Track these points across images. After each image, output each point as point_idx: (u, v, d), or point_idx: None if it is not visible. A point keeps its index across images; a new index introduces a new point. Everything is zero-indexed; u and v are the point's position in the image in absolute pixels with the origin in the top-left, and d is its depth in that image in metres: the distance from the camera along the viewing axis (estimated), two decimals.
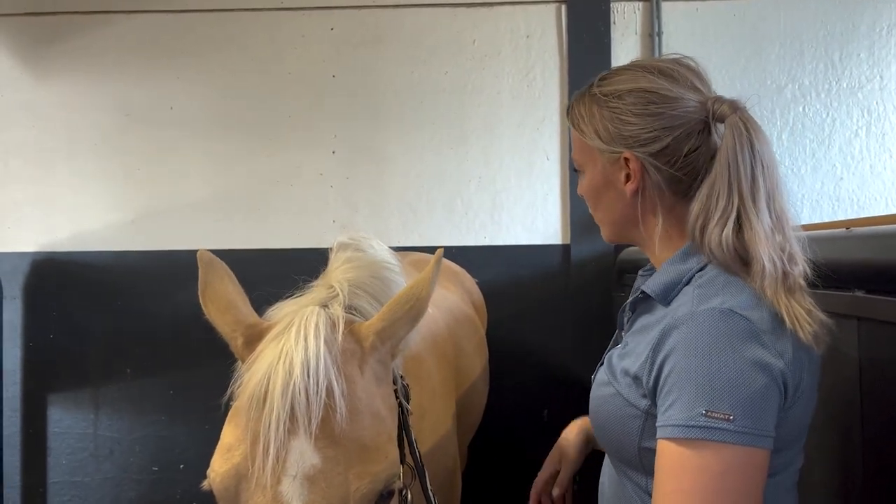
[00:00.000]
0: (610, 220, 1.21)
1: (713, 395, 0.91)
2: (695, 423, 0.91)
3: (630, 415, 1.05)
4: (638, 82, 1.11)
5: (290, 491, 0.85)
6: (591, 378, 1.27)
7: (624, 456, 1.10)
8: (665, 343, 0.98)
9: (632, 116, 1.09)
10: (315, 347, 0.92)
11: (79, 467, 3.12)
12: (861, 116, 2.92)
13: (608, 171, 1.15)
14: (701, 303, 0.98)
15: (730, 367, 0.92)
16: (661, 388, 0.98)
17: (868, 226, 1.26)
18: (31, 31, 3.15)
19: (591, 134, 1.15)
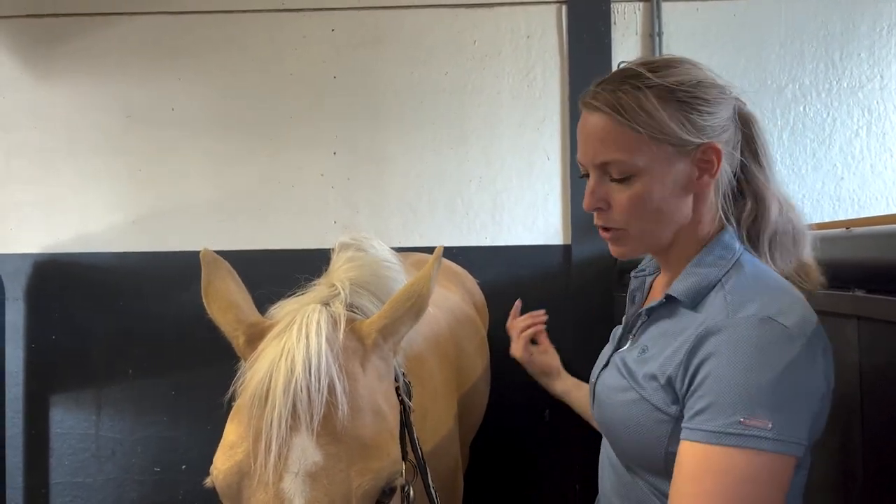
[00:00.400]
0: (667, 223, 1.10)
1: (752, 403, 0.91)
2: (731, 430, 0.91)
3: (658, 420, 1.03)
4: (696, 74, 1.08)
5: (292, 488, 0.85)
6: (592, 380, 1.26)
7: (646, 461, 1.07)
8: (701, 348, 0.97)
9: (706, 106, 1.06)
10: (317, 345, 0.92)
11: (81, 468, 3.12)
12: (862, 116, 2.92)
13: (680, 168, 1.06)
14: (738, 309, 0.98)
15: (769, 376, 0.92)
16: (693, 391, 0.97)
17: (868, 225, 1.27)
18: (32, 32, 3.15)
19: (660, 128, 1.04)
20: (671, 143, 1.04)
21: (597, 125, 1.08)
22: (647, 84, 1.05)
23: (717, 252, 1.09)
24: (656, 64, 1.09)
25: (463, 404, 1.89)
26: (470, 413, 2.05)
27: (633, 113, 1.04)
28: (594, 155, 1.09)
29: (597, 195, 1.10)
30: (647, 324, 1.16)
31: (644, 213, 1.08)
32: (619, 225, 1.10)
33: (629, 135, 1.05)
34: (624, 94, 1.05)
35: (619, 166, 1.06)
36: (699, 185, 1.08)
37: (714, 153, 1.06)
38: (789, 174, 2.94)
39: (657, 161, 1.05)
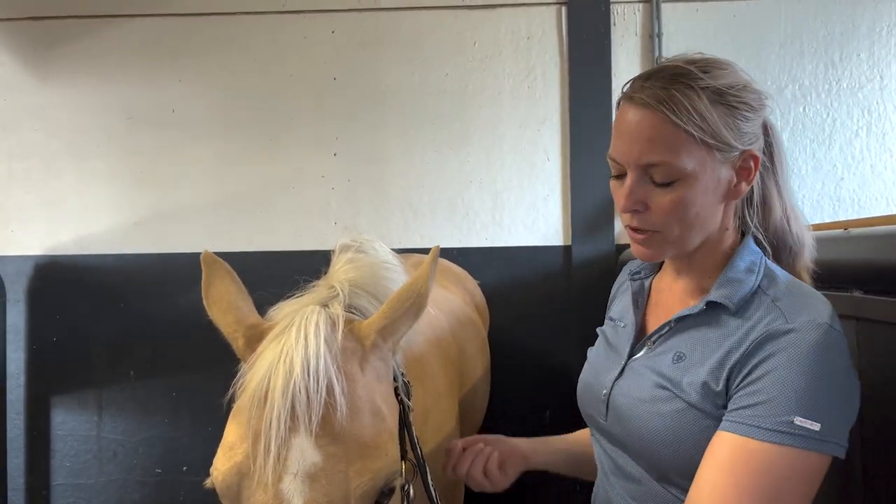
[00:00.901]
0: (701, 229, 1.08)
1: (808, 404, 0.93)
2: (783, 429, 0.93)
3: (705, 426, 1.02)
4: (743, 77, 1.07)
5: (291, 488, 0.85)
6: (603, 391, 1.20)
7: (689, 467, 1.04)
8: (761, 350, 0.99)
9: (750, 112, 1.05)
10: (315, 346, 0.92)
11: (82, 469, 3.13)
12: (861, 116, 2.92)
13: (721, 173, 1.04)
14: (795, 314, 1.00)
15: (827, 380, 0.95)
16: (744, 387, 0.98)
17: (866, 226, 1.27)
18: (33, 34, 3.16)
19: (712, 131, 1.01)
20: (719, 149, 1.02)
21: (646, 122, 1.02)
22: (700, 84, 1.02)
23: (747, 258, 1.10)
24: (704, 63, 1.06)
25: (464, 405, 1.89)
26: (471, 414, 2.05)
27: (687, 113, 1.00)
28: (640, 154, 1.03)
29: (635, 197, 1.05)
30: (675, 330, 1.13)
31: (684, 218, 1.04)
32: (656, 227, 1.06)
33: (681, 136, 1.00)
34: (678, 92, 1.01)
35: (666, 169, 1.02)
36: (736, 192, 1.08)
37: (753, 160, 1.06)
38: (789, 175, 2.94)
39: (704, 166, 1.02)
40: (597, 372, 1.26)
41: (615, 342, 1.26)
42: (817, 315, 0.99)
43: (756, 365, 0.98)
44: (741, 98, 1.04)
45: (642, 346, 1.18)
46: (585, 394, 1.28)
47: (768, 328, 1.00)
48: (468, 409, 1.97)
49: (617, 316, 1.32)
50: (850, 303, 1.28)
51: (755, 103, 1.06)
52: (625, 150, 1.05)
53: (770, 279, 1.08)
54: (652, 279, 1.28)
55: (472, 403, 2.04)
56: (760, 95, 1.08)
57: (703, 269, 1.14)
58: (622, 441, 1.16)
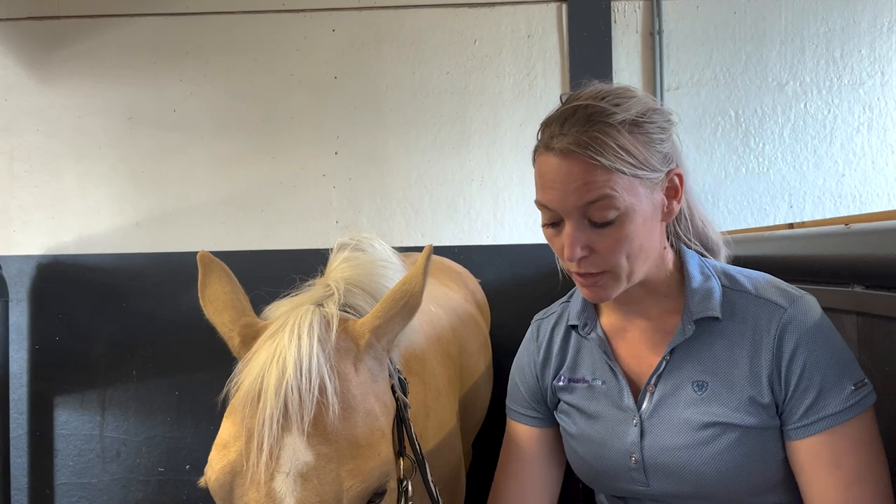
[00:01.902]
0: (646, 258, 1.07)
1: (850, 370, 1.01)
2: (850, 401, 0.99)
3: (766, 438, 1.03)
4: (649, 101, 1.07)
5: (283, 488, 0.85)
6: (635, 458, 1.10)
7: (759, 489, 1.04)
8: (784, 345, 1.02)
9: (663, 134, 1.06)
10: (308, 346, 0.92)
11: (86, 469, 3.14)
12: (863, 113, 2.92)
13: (654, 198, 1.05)
14: (782, 299, 1.06)
15: (838, 339, 1.04)
16: (794, 390, 1.01)
17: (867, 222, 1.27)
18: (34, 35, 3.17)
19: (638, 163, 1.01)
20: (647, 177, 1.03)
21: (575, 169, 1.00)
22: (616, 120, 1.00)
23: (693, 264, 1.14)
24: (613, 97, 1.04)
25: (465, 403, 1.89)
26: (472, 412, 2.05)
27: (613, 152, 0.98)
28: (577, 199, 1.00)
29: (580, 243, 1.03)
30: (672, 363, 1.10)
31: (630, 252, 1.03)
32: (605, 267, 1.04)
33: (612, 175, 0.99)
34: (598, 132, 0.99)
35: (603, 209, 1.00)
36: (669, 212, 1.09)
37: (678, 178, 1.08)
38: (790, 171, 2.94)
39: (639, 197, 1.02)
40: (602, 442, 1.15)
41: (606, 403, 1.16)
42: (790, 289, 1.08)
43: (790, 367, 1.01)
44: (654, 122, 1.04)
45: (644, 395, 1.12)
46: (601, 469, 1.16)
47: (777, 322, 1.04)
48: (469, 406, 1.97)
49: (587, 375, 1.20)
50: (851, 298, 1.28)
51: (665, 124, 1.07)
52: (559, 199, 1.02)
53: (727, 276, 1.13)
54: (599, 324, 1.21)
55: (474, 401, 2.04)
56: (666, 114, 1.09)
57: (657, 293, 1.14)
58: (677, 494, 1.09)
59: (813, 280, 1.40)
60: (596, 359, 1.19)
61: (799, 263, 1.48)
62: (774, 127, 2.94)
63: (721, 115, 2.96)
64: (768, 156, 2.95)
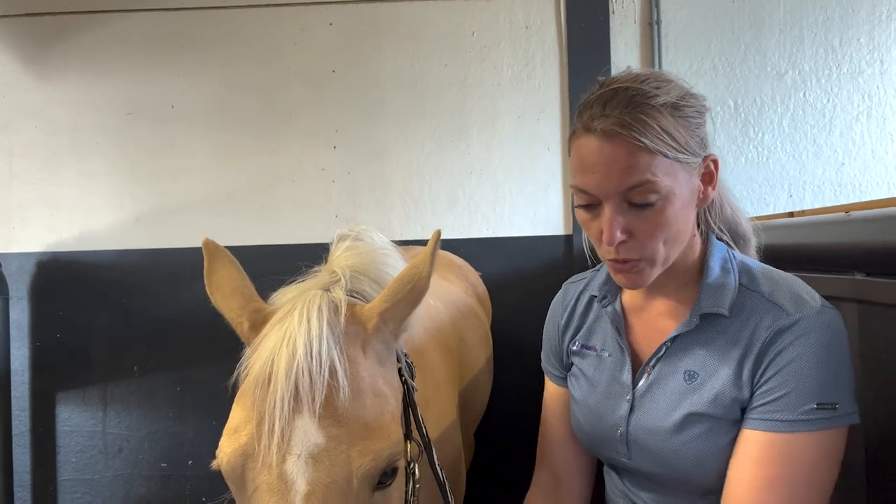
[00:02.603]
0: (681, 243, 1.08)
1: (826, 388, 0.97)
2: (807, 416, 0.97)
3: (735, 434, 1.04)
4: (684, 86, 1.08)
5: (294, 469, 0.86)
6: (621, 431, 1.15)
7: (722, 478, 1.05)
8: (773, 346, 1.01)
9: (700, 118, 1.07)
10: (318, 329, 0.93)
11: (89, 465, 3.14)
12: (862, 101, 2.91)
13: (692, 183, 1.05)
14: (792, 305, 1.03)
15: (837, 360, 0.99)
16: (764, 383, 1.01)
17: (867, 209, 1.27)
18: (31, 31, 3.16)
19: (681, 146, 1.01)
20: (687, 161, 1.03)
21: (619, 150, 0.99)
22: (658, 102, 1.01)
23: (717, 257, 1.13)
24: (653, 80, 1.05)
25: (466, 395, 1.89)
26: (473, 404, 2.06)
27: (656, 134, 0.98)
28: (620, 182, 0.99)
29: (619, 226, 1.01)
30: (672, 350, 1.12)
31: (668, 237, 1.04)
32: (642, 254, 1.04)
33: (655, 157, 0.99)
34: (642, 114, 0.99)
35: (645, 191, 0.99)
36: (704, 198, 1.10)
37: (714, 164, 1.08)
38: (790, 161, 2.93)
39: (678, 181, 1.02)
40: (598, 411, 1.20)
41: (607, 375, 1.21)
42: (810, 298, 1.03)
43: (771, 362, 1.01)
44: (692, 107, 1.05)
45: (642, 374, 1.15)
46: (592, 435, 1.23)
47: (774, 326, 1.02)
48: (469, 399, 1.98)
49: (598, 345, 1.25)
50: (852, 285, 1.28)
51: (702, 108, 1.08)
52: (599, 181, 1.01)
53: (748, 274, 1.10)
54: (620, 300, 1.23)
55: (474, 394, 2.04)
56: (701, 99, 1.09)
57: (679, 279, 1.15)
58: (654, 473, 1.14)
59: (813, 268, 1.40)
60: (608, 332, 1.23)
61: (799, 252, 1.48)
62: (773, 116, 2.94)
63: (720, 105, 2.96)
64: (767, 145, 2.94)
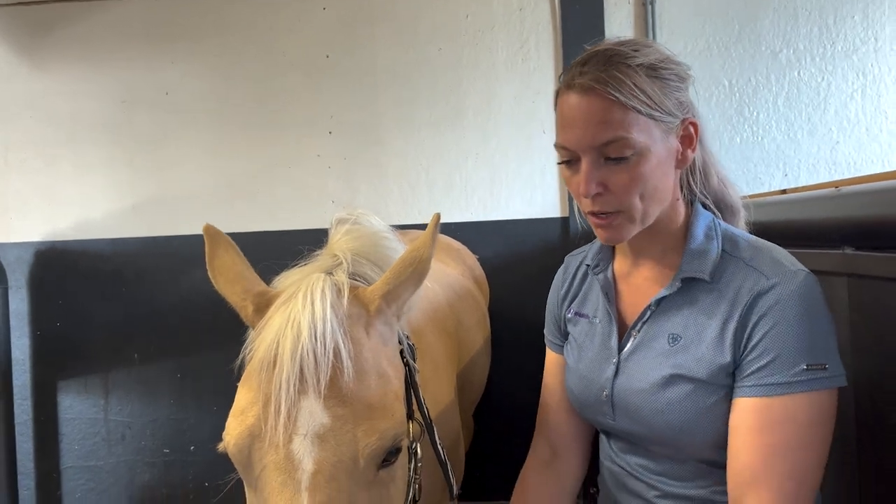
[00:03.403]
0: (660, 201, 1.11)
1: (813, 349, 0.99)
2: (798, 378, 0.99)
3: (720, 398, 1.06)
4: (666, 52, 1.12)
5: (301, 449, 0.87)
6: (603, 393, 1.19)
7: (708, 443, 1.08)
8: (755, 310, 1.03)
9: (680, 82, 1.11)
10: (321, 311, 0.94)
11: (91, 452, 3.17)
12: (856, 79, 2.91)
13: (668, 143, 1.09)
14: (772, 269, 1.05)
15: (820, 322, 1.01)
16: (750, 351, 1.03)
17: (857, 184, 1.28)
18: (24, 20, 3.15)
19: (655, 104, 1.05)
20: (663, 120, 1.07)
21: (594, 105, 1.05)
22: (635, 62, 1.06)
23: (702, 224, 1.16)
24: (633, 43, 1.10)
25: (463, 376, 1.91)
26: (471, 385, 2.07)
27: (629, 90, 1.03)
28: (594, 137, 1.05)
29: (595, 179, 1.06)
30: (657, 314, 1.15)
31: (644, 192, 1.07)
32: (619, 207, 1.08)
33: (628, 112, 1.04)
34: (617, 71, 1.04)
35: (620, 145, 1.04)
36: (683, 160, 1.13)
37: (693, 127, 1.12)
38: (785, 140, 2.94)
39: (654, 138, 1.06)
40: (586, 375, 1.24)
41: (598, 341, 1.25)
42: (788, 264, 1.06)
43: (754, 328, 1.03)
44: (671, 70, 1.09)
45: (628, 338, 1.19)
46: (580, 399, 1.27)
47: (753, 290, 1.04)
48: (467, 380, 2.00)
49: (590, 312, 1.29)
50: (842, 260, 1.29)
51: (683, 74, 1.12)
52: (577, 136, 1.07)
53: (731, 241, 1.13)
54: (612, 268, 1.28)
55: (472, 375, 2.06)
56: (684, 67, 1.13)
57: (663, 244, 1.18)
58: (637, 434, 1.17)
59: (805, 244, 1.41)
60: (599, 299, 1.27)
61: (791, 228, 1.49)
62: (768, 95, 2.94)
63: (715, 85, 2.95)
64: (762, 124, 2.95)
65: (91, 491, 3.17)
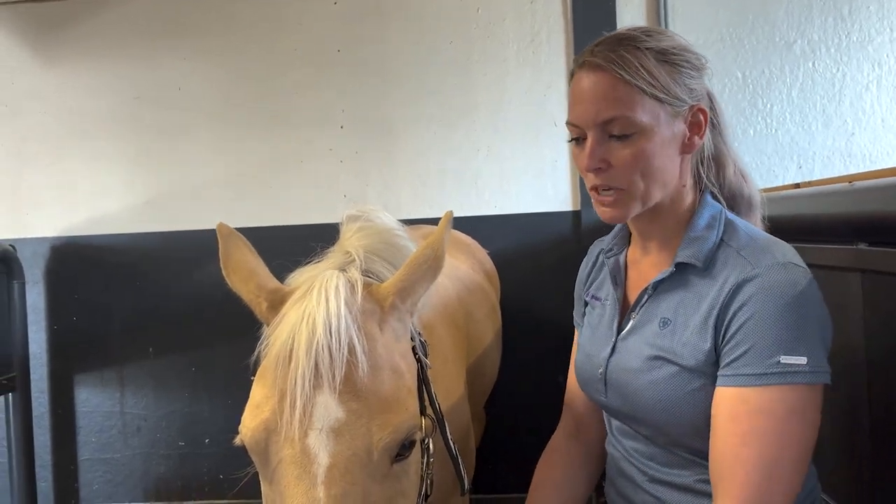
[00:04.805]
0: (662, 182, 1.13)
1: (790, 341, 0.98)
2: (772, 370, 0.98)
3: (702, 385, 1.07)
4: (682, 41, 1.15)
5: (316, 443, 0.89)
6: (598, 370, 1.24)
7: (690, 430, 1.10)
8: (736, 299, 1.03)
9: (693, 70, 1.13)
10: (336, 307, 0.95)
11: (108, 444, 3.21)
12: (872, 70, 2.87)
13: (674, 127, 1.11)
14: (759, 260, 1.05)
15: (801, 313, 0.99)
16: (729, 339, 1.03)
17: (870, 179, 1.27)
18: (37, 17, 3.18)
19: (662, 87, 1.08)
20: (669, 103, 1.09)
21: (600, 83, 1.09)
22: (645, 45, 1.09)
23: (706, 214, 1.16)
24: (647, 29, 1.14)
25: (473, 371, 1.92)
26: (482, 378, 2.08)
27: (636, 70, 1.07)
28: (597, 113, 1.09)
29: (598, 154, 1.10)
30: (654, 297, 1.18)
31: (646, 171, 1.10)
32: (621, 184, 1.11)
33: (633, 91, 1.07)
34: (626, 52, 1.08)
35: (623, 122, 1.08)
36: (690, 145, 1.14)
37: (702, 115, 1.14)
38: (799, 132, 2.91)
39: (658, 119, 1.09)
40: (589, 353, 1.29)
41: (602, 321, 1.29)
42: (779, 256, 1.05)
43: (733, 316, 1.03)
44: (683, 57, 1.12)
45: (629, 320, 1.22)
46: (582, 376, 1.32)
47: (738, 278, 1.05)
48: (478, 373, 2.00)
49: (603, 295, 1.34)
50: (856, 255, 1.28)
51: (696, 63, 1.14)
52: (583, 112, 1.12)
53: (731, 231, 1.13)
54: (625, 254, 1.31)
55: (483, 368, 2.06)
56: (699, 57, 1.15)
57: (668, 230, 1.19)
58: (624, 412, 1.21)
59: (818, 239, 1.40)
60: (609, 283, 1.30)
61: (804, 223, 1.48)
62: (782, 87, 2.91)
63: (728, 77, 2.93)
64: (776, 116, 2.92)
65: (107, 483, 3.21)
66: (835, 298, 1.11)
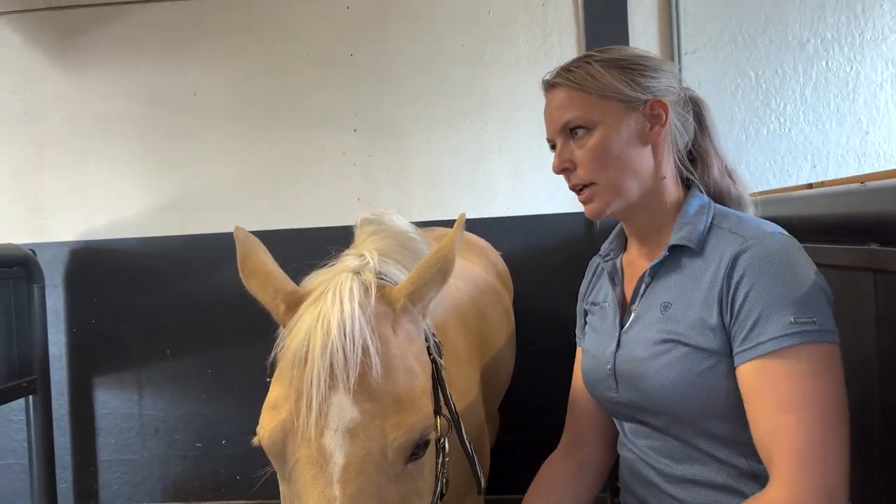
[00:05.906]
0: (631, 172, 1.20)
1: (796, 303, 1.01)
2: (787, 331, 1.00)
3: (713, 364, 1.08)
4: (638, 51, 1.25)
5: (332, 443, 0.90)
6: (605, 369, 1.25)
7: (706, 413, 1.10)
8: (735, 272, 1.07)
9: (647, 70, 1.22)
10: (350, 310, 0.97)
11: (126, 446, 3.25)
12: (886, 68, 2.86)
13: (632, 119, 1.20)
14: (751, 232, 1.10)
15: (802, 277, 1.03)
16: (737, 315, 1.05)
17: (883, 179, 1.27)
18: (56, 25, 3.23)
19: (607, 87, 1.18)
20: (619, 99, 1.19)
21: (558, 97, 1.24)
22: (594, 59, 1.22)
23: (695, 203, 1.22)
24: (603, 49, 1.25)
25: (487, 372, 1.92)
26: (496, 379, 2.09)
27: (584, 79, 1.20)
28: (557, 120, 1.24)
29: (563, 157, 1.24)
30: (652, 285, 1.22)
31: (606, 162, 1.19)
32: (588, 179, 1.22)
33: (583, 96, 1.20)
34: (576, 68, 1.23)
35: (576, 122, 1.21)
36: (653, 135, 1.21)
37: (661, 107, 1.20)
38: (813, 131, 2.90)
39: (609, 114, 1.19)
40: (595, 354, 1.31)
41: (605, 322, 1.32)
42: (768, 227, 1.11)
43: (736, 289, 1.06)
44: (633, 61, 1.22)
45: (630, 314, 1.25)
46: (591, 378, 1.33)
47: (733, 252, 1.08)
48: (492, 374, 2.01)
49: (601, 299, 1.38)
50: (868, 255, 1.28)
51: (652, 65, 1.23)
52: (549, 124, 1.27)
53: (721, 216, 1.19)
54: (622, 257, 1.36)
55: (497, 369, 2.07)
56: (658, 61, 1.25)
57: (658, 224, 1.25)
58: (637, 405, 1.21)
59: (830, 239, 1.40)
60: (608, 285, 1.35)
61: (817, 223, 1.48)
62: (795, 86, 2.90)
63: (740, 77, 2.92)
64: (790, 116, 2.91)
65: (126, 484, 3.26)
66: (847, 298, 1.11)
